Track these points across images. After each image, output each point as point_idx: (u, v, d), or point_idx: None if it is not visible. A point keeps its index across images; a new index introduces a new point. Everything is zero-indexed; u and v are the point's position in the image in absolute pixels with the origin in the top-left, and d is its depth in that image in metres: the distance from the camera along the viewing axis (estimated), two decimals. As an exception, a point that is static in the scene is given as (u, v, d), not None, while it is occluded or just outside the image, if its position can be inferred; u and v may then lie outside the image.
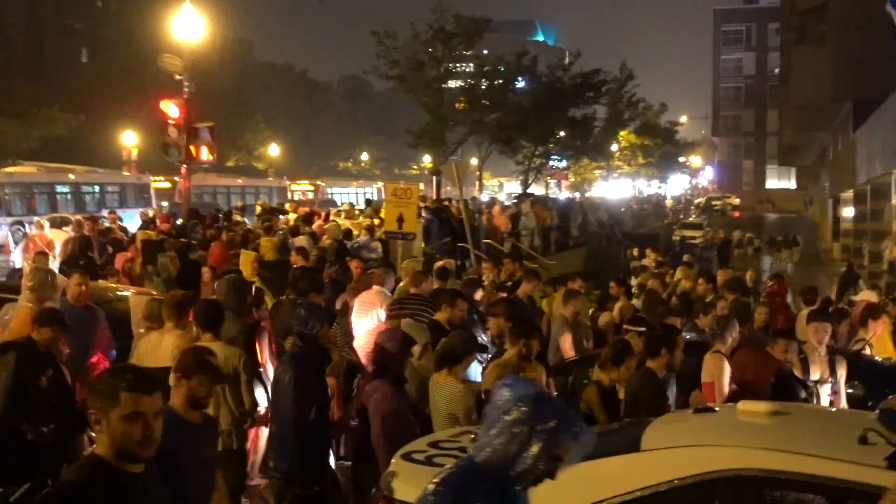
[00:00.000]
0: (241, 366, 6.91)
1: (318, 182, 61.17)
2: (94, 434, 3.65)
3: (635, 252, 28.17)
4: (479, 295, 11.44)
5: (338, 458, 8.25)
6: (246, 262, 12.33)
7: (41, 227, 20.07)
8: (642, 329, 8.43)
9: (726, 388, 7.14)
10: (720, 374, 7.27)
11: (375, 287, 10.78)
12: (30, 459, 6.28)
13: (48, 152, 47.83)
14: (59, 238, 19.55)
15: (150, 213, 29.68)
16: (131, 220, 30.48)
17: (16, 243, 26.32)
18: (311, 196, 54.54)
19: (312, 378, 6.63)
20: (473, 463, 3.20)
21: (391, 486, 5.10)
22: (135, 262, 15.14)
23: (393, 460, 5.45)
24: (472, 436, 5.77)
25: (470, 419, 6.35)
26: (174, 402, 4.72)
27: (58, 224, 24.61)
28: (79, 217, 24.13)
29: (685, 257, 23.50)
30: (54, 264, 15.10)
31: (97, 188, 40.31)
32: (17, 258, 20.96)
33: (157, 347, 7.55)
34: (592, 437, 3.23)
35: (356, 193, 60.77)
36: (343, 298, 10.78)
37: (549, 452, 3.07)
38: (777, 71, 76.76)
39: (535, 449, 3.03)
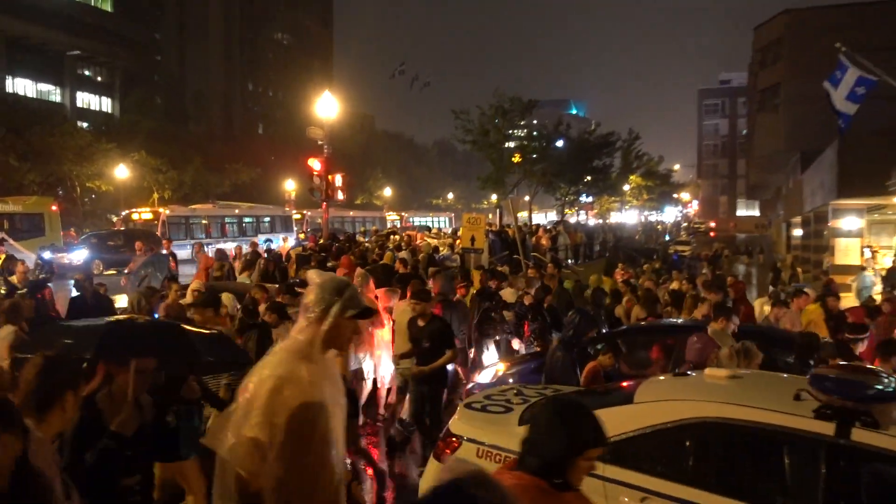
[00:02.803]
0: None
1: (402, 213, 61.77)
2: None
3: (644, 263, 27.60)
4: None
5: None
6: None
7: (256, 244, 19.77)
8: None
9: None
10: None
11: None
12: None
13: (236, 194, 48.96)
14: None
15: (301, 236, 30.04)
16: (278, 243, 30.95)
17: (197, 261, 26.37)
18: (398, 224, 54.48)
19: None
20: None
21: (455, 424, 5.07)
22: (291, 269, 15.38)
23: (459, 407, 5.42)
24: (515, 391, 5.71)
25: None
26: None
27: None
28: (254, 240, 24.56)
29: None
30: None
31: (254, 219, 39.98)
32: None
33: (405, 312, 7.92)
34: None
35: (432, 221, 60.98)
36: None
37: None
38: (744, 132, 75.58)
39: None
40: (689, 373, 5.36)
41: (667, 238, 59.25)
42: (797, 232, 36.27)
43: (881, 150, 19.79)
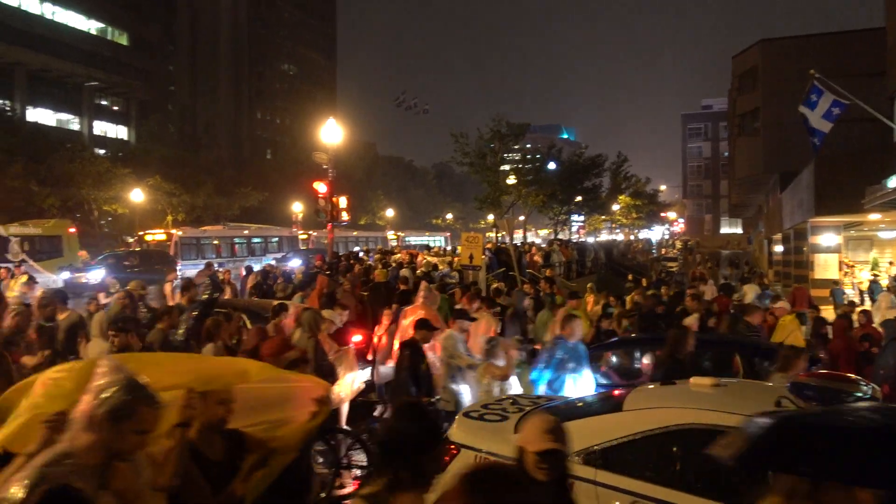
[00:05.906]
0: None
1: (399, 233, 61.57)
2: None
3: (630, 277, 27.44)
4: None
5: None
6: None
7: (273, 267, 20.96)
8: None
9: None
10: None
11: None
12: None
13: (245, 217, 48.96)
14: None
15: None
16: (288, 261, 30.73)
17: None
18: (394, 242, 53.98)
19: None
20: None
21: (454, 433, 5.05)
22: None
23: (457, 417, 5.39)
24: (511, 400, 5.69)
25: None
26: None
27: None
28: (269, 262, 24.63)
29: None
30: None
31: (263, 240, 39.75)
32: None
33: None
34: None
35: (428, 240, 60.67)
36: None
37: None
38: (726, 154, 75.77)
39: None
40: (674, 382, 5.35)
41: (654, 254, 59.22)
42: (778, 248, 36.30)
43: (855, 171, 19.89)
